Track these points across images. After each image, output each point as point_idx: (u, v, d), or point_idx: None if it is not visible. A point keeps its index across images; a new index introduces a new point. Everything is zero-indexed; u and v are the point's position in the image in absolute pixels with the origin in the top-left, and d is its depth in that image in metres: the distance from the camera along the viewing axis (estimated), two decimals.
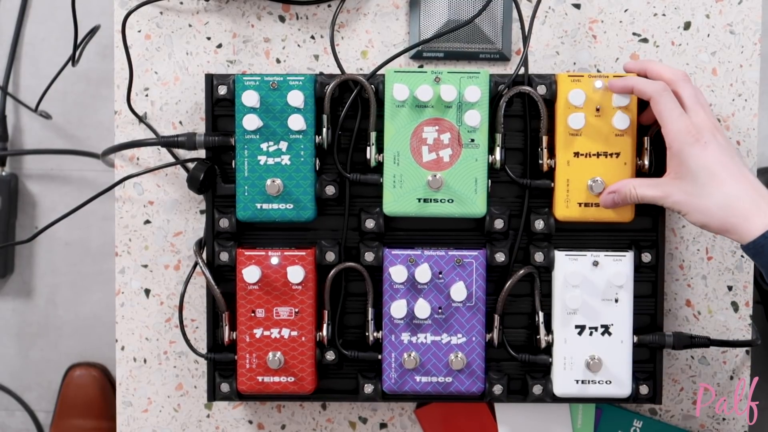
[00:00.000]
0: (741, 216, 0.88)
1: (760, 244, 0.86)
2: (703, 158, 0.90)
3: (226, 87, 1.01)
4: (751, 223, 0.87)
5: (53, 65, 1.66)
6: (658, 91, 0.93)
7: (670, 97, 0.93)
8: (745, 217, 0.87)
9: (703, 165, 0.90)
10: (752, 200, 0.88)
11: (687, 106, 0.93)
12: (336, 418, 1.10)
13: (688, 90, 0.94)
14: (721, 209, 0.89)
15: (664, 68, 0.97)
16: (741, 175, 0.90)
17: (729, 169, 0.89)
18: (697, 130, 0.91)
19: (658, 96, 0.93)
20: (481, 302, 1.00)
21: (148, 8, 1.07)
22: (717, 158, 0.90)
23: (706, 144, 0.90)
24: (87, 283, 1.81)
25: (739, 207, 0.88)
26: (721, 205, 0.89)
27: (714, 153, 0.90)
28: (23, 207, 1.80)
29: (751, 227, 0.87)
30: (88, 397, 1.75)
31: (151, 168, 1.06)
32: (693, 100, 0.93)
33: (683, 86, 0.94)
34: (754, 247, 0.87)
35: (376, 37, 1.07)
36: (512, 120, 1.02)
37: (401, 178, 0.99)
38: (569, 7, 1.06)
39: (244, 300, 1.00)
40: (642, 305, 1.03)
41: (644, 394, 1.03)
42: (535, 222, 1.01)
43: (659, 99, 0.93)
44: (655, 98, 0.93)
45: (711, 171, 0.89)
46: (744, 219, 0.87)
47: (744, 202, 0.88)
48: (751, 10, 1.06)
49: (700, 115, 0.92)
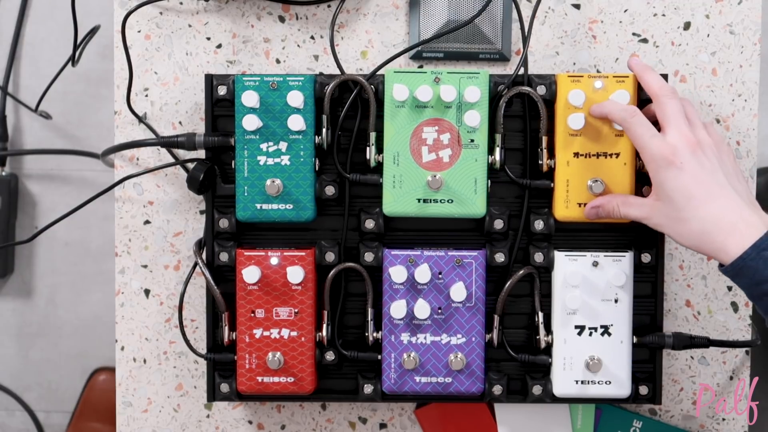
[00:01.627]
0: (717, 241, 0.87)
1: (738, 266, 0.85)
2: (679, 181, 0.88)
3: (225, 87, 1.01)
4: (727, 246, 0.86)
5: (53, 65, 1.66)
6: (625, 117, 0.92)
7: (640, 121, 0.92)
8: (722, 242, 0.86)
9: (679, 188, 0.88)
10: (729, 222, 0.86)
11: (666, 124, 0.91)
12: (336, 418, 1.10)
13: (669, 106, 0.92)
14: (698, 235, 0.88)
15: (653, 81, 0.95)
16: (720, 193, 0.88)
17: (707, 188, 0.88)
18: (672, 151, 0.89)
19: (626, 123, 0.92)
20: (481, 302, 1.00)
21: (148, 8, 1.07)
22: (694, 179, 0.88)
23: (682, 165, 0.88)
24: (87, 283, 1.81)
25: (714, 232, 0.87)
26: (698, 231, 0.88)
27: (691, 174, 0.88)
28: (23, 207, 1.80)
29: (728, 251, 0.86)
30: (110, 402, 1.75)
31: (151, 168, 1.06)
32: (673, 117, 0.91)
33: (665, 102, 0.92)
34: (732, 270, 0.86)
35: (375, 38, 1.07)
36: (512, 120, 1.02)
37: (401, 179, 0.99)
38: (569, 7, 1.06)
39: (243, 300, 1.00)
40: (642, 305, 1.03)
41: (644, 395, 1.03)
42: (534, 222, 1.01)
43: (629, 126, 0.92)
44: (624, 126, 0.93)
45: (687, 194, 0.88)
46: (721, 244, 0.86)
47: (721, 225, 0.86)
48: (751, 10, 1.06)
49: (677, 132, 0.90)
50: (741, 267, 0.85)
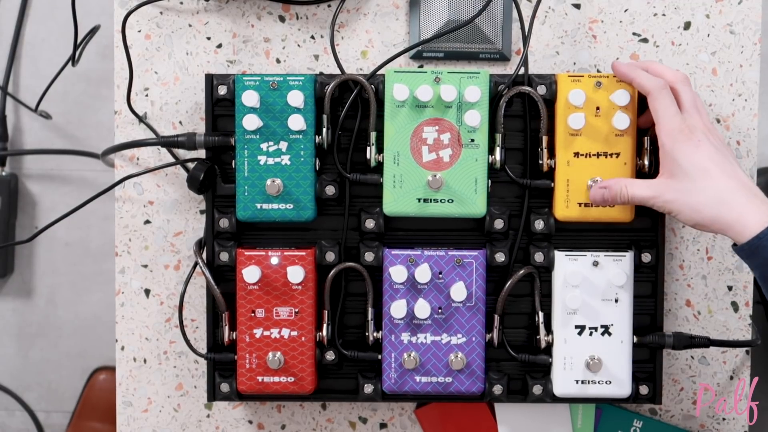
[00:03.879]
0: (735, 212, 0.86)
1: (755, 245, 0.85)
2: (696, 155, 0.90)
3: (226, 87, 1.01)
4: (744, 219, 0.86)
5: (53, 65, 1.66)
6: (657, 87, 0.93)
7: (669, 95, 0.93)
8: (739, 213, 0.86)
9: (696, 161, 0.89)
10: (746, 197, 0.87)
11: (684, 107, 0.93)
12: (336, 418, 1.10)
13: (686, 92, 0.94)
14: (713, 206, 0.87)
15: (666, 68, 0.97)
16: (734, 173, 0.89)
17: (721, 166, 0.89)
18: (690, 129, 0.91)
19: (657, 92, 0.93)
20: (481, 302, 1.00)
21: (148, 8, 1.07)
22: (709, 156, 0.89)
23: (699, 142, 0.90)
24: (87, 283, 1.81)
25: (732, 203, 0.87)
26: (713, 201, 0.88)
27: (706, 151, 0.90)
28: (23, 207, 1.80)
29: (745, 224, 0.86)
30: (111, 402, 1.75)
31: (151, 168, 1.06)
32: (690, 103, 0.94)
33: (682, 88, 0.95)
34: (749, 248, 0.86)
35: (376, 37, 1.07)
36: (512, 120, 1.02)
37: (401, 178, 0.99)
38: (569, 7, 1.06)
39: (244, 300, 1.00)
40: (642, 305, 1.03)
41: (644, 394, 1.03)
42: (535, 222, 1.01)
43: (657, 95, 0.93)
44: (653, 94, 0.93)
45: (703, 167, 0.89)
46: (738, 215, 0.86)
47: (737, 197, 0.87)
48: (751, 10, 1.06)
49: (695, 117, 0.92)
50: (757, 246, 0.85)
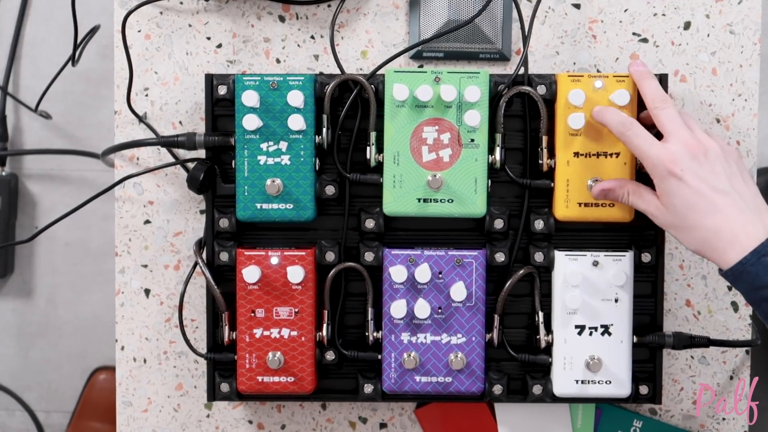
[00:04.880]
0: (718, 249, 0.87)
1: (738, 271, 0.86)
2: (680, 191, 0.88)
3: (226, 87, 1.01)
4: (727, 255, 0.87)
5: (53, 65, 1.66)
6: (622, 132, 0.92)
7: (636, 132, 0.92)
8: (723, 250, 0.87)
9: (680, 199, 0.88)
10: (731, 232, 0.87)
11: (665, 132, 0.91)
12: (336, 418, 1.10)
13: (666, 114, 0.92)
14: (700, 242, 0.88)
15: (650, 88, 0.95)
16: (722, 203, 0.88)
17: (709, 198, 0.88)
18: (672, 158, 0.89)
19: (624, 137, 0.92)
20: (481, 302, 1.00)
21: (148, 8, 1.07)
22: (694, 190, 0.88)
23: (683, 173, 0.88)
24: (87, 283, 1.81)
25: (715, 241, 0.87)
26: (699, 239, 0.88)
27: (691, 184, 0.88)
28: (23, 207, 1.80)
29: (728, 260, 0.87)
30: (111, 402, 1.75)
31: (151, 168, 1.06)
32: (672, 124, 0.91)
33: (662, 111, 0.92)
34: (732, 274, 0.86)
35: (376, 37, 1.07)
36: (512, 120, 1.02)
37: (401, 178, 0.99)
38: (569, 7, 1.06)
39: (244, 300, 1.00)
40: (642, 305, 1.03)
41: (644, 394, 1.03)
42: (534, 222, 1.01)
43: (627, 139, 0.92)
44: (623, 139, 0.93)
45: (688, 205, 0.88)
46: (722, 252, 0.87)
47: (722, 236, 0.87)
48: (751, 10, 1.06)
49: (677, 139, 0.90)
50: (741, 272, 0.85)
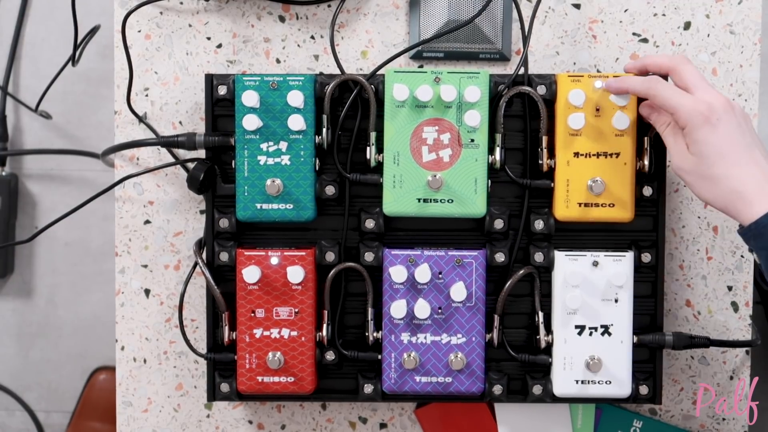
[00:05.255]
0: (746, 200, 0.87)
1: (763, 225, 0.86)
2: (713, 139, 0.89)
3: (226, 87, 1.01)
4: (753, 207, 0.87)
5: (53, 65, 1.66)
6: (650, 86, 0.93)
7: (664, 84, 0.92)
8: (750, 202, 0.87)
9: (712, 147, 0.89)
10: (758, 184, 0.87)
11: (692, 85, 0.91)
12: (336, 418, 1.10)
13: (689, 71, 0.92)
14: (726, 193, 0.88)
15: (662, 57, 0.95)
16: (750, 156, 0.89)
17: (738, 150, 0.88)
18: (708, 106, 0.89)
19: (652, 91, 0.92)
20: (481, 302, 1.00)
21: (148, 8, 1.07)
22: (727, 138, 0.89)
23: (717, 122, 0.89)
24: (87, 283, 1.81)
25: (743, 191, 0.87)
26: (726, 189, 0.88)
27: (724, 132, 0.89)
28: (23, 207, 1.80)
29: (752, 211, 0.87)
30: (111, 402, 1.75)
31: (151, 168, 1.06)
32: (697, 78, 0.92)
33: (684, 68, 0.93)
34: (756, 228, 0.86)
35: (376, 37, 1.07)
36: (512, 120, 1.02)
37: (401, 178, 0.99)
38: (569, 7, 1.06)
39: (244, 300, 1.00)
40: (642, 305, 1.03)
41: (644, 394, 1.03)
42: (534, 222, 1.01)
43: (655, 92, 0.92)
44: (650, 93, 0.93)
45: (720, 152, 0.88)
46: (748, 204, 0.87)
47: (749, 186, 0.87)
48: (751, 10, 1.06)
49: (708, 92, 0.90)
50: (765, 225, 0.85)
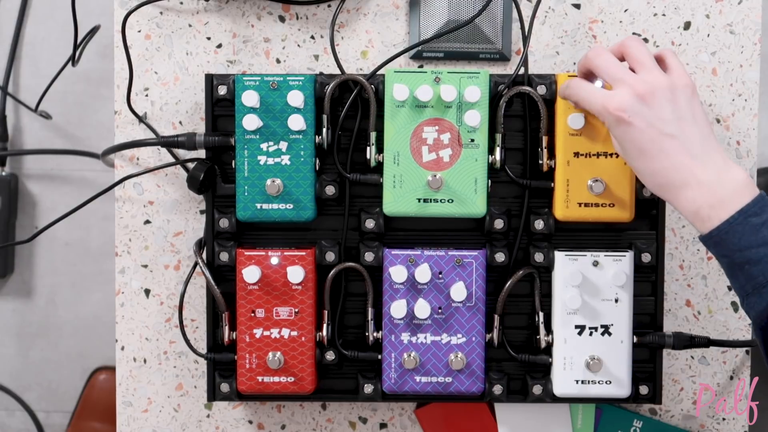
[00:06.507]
0: (671, 195, 0.87)
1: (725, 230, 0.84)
2: (630, 136, 0.87)
3: (226, 87, 1.01)
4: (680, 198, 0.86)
5: (53, 65, 1.66)
6: (563, 89, 0.95)
7: (576, 83, 0.92)
8: (674, 197, 0.87)
9: (632, 143, 0.87)
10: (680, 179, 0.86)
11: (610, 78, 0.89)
12: (336, 418, 1.10)
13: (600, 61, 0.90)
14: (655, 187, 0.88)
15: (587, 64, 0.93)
16: (671, 144, 0.86)
17: (656, 142, 0.87)
18: (619, 105, 0.87)
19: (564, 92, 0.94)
20: (481, 302, 1.00)
21: (148, 8, 1.07)
22: (643, 134, 0.87)
23: (630, 120, 0.87)
24: (87, 283, 1.81)
25: (666, 187, 0.87)
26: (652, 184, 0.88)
27: (639, 129, 0.87)
28: (23, 207, 1.80)
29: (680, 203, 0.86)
30: (111, 402, 1.75)
31: (151, 168, 1.06)
32: (611, 71, 0.89)
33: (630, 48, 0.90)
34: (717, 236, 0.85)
35: (376, 37, 1.07)
36: (512, 120, 1.02)
37: (401, 178, 0.99)
38: (569, 7, 1.06)
39: (244, 300, 1.00)
40: (642, 305, 1.03)
41: (644, 394, 1.03)
42: (535, 222, 1.01)
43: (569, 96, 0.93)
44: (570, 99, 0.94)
45: (639, 149, 0.87)
46: (675, 195, 0.87)
47: (672, 181, 0.86)
48: (751, 10, 1.06)
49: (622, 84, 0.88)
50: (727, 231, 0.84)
